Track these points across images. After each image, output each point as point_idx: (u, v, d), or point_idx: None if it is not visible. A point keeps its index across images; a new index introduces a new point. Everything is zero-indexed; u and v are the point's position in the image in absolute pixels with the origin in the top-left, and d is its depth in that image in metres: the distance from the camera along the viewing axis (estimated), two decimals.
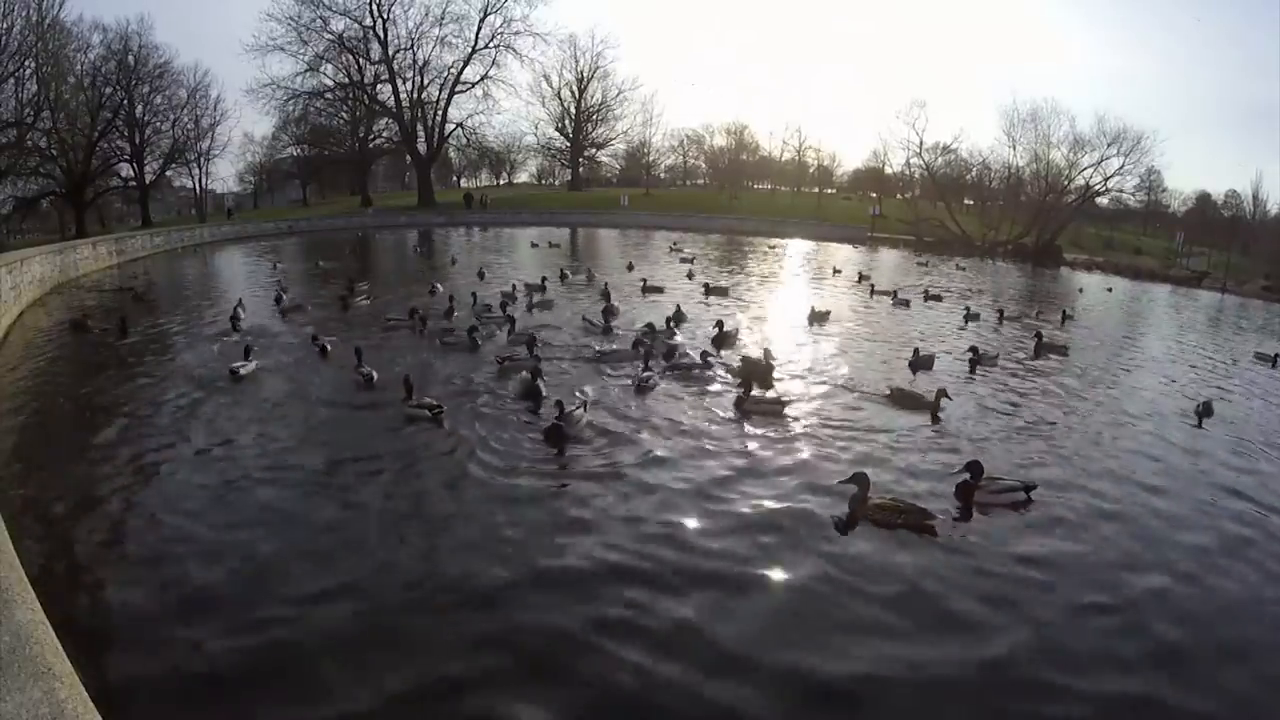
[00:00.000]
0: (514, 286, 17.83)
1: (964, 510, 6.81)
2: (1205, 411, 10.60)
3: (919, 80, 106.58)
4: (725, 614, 5.00)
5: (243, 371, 10.30)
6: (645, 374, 10.44)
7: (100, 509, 6.24)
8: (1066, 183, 48.93)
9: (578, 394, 9.43)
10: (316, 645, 4.51)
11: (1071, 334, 17.27)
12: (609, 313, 15.57)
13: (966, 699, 4.34)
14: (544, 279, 19.12)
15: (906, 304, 20.00)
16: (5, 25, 33.75)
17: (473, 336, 12.60)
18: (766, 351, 11.69)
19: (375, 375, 10.14)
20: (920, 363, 12.61)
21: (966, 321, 17.68)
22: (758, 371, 10.86)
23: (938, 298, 21.51)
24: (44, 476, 6.88)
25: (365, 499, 6.62)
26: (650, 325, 13.63)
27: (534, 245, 33.86)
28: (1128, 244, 56.77)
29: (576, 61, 66.45)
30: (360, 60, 57.27)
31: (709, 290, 19.54)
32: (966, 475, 6.97)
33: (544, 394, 9.42)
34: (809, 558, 5.79)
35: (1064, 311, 19.56)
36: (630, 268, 24.98)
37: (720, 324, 13.73)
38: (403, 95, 58.28)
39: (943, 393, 9.79)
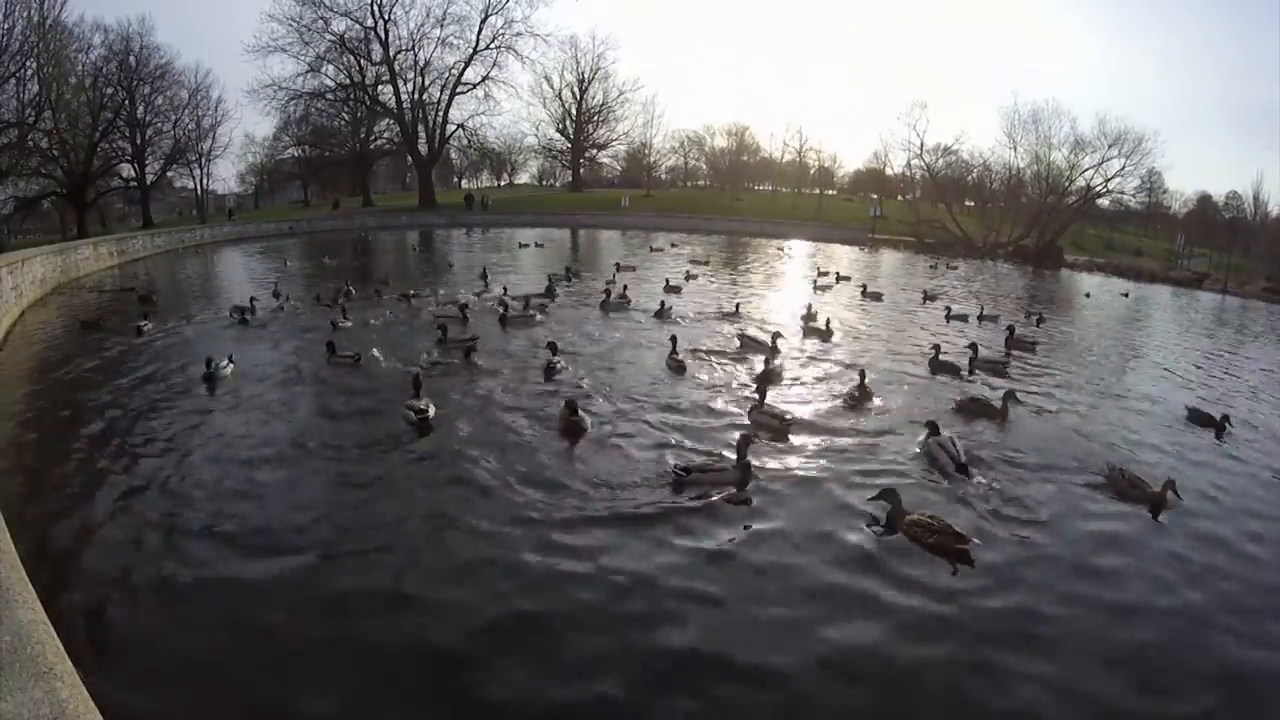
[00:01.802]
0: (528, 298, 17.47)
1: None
2: (1214, 425, 9.82)
3: (920, 81, 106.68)
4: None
5: (222, 373, 10.17)
6: (677, 356, 11.45)
7: (102, 508, 6.22)
8: (1067, 184, 48.95)
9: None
10: (310, 647, 4.51)
11: (1052, 334, 17.32)
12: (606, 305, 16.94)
13: None
14: (568, 268, 20.92)
15: (879, 297, 20.87)
16: (6, 26, 33.88)
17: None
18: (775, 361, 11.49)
19: (361, 355, 11.06)
20: (941, 366, 12.02)
21: (949, 320, 17.64)
22: (771, 378, 10.68)
23: (934, 298, 21.52)
24: (45, 476, 6.86)
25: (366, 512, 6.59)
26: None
27: (522, 245, 34.67)
28: (1128, 245, 56.81)
29: (577, 62, 66.69)
30: (361, 61, 57.48)
31: (668, 287, 19.73)
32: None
33: (586, 428, 8.29)
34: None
35: (1040, 315, 19.20)
36: (619, 267, 25.15)
37: (768, 362, 11.62)
38: (404, 96, 58.50)
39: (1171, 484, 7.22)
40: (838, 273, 25.80)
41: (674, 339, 12.08)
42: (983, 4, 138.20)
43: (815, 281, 23.60)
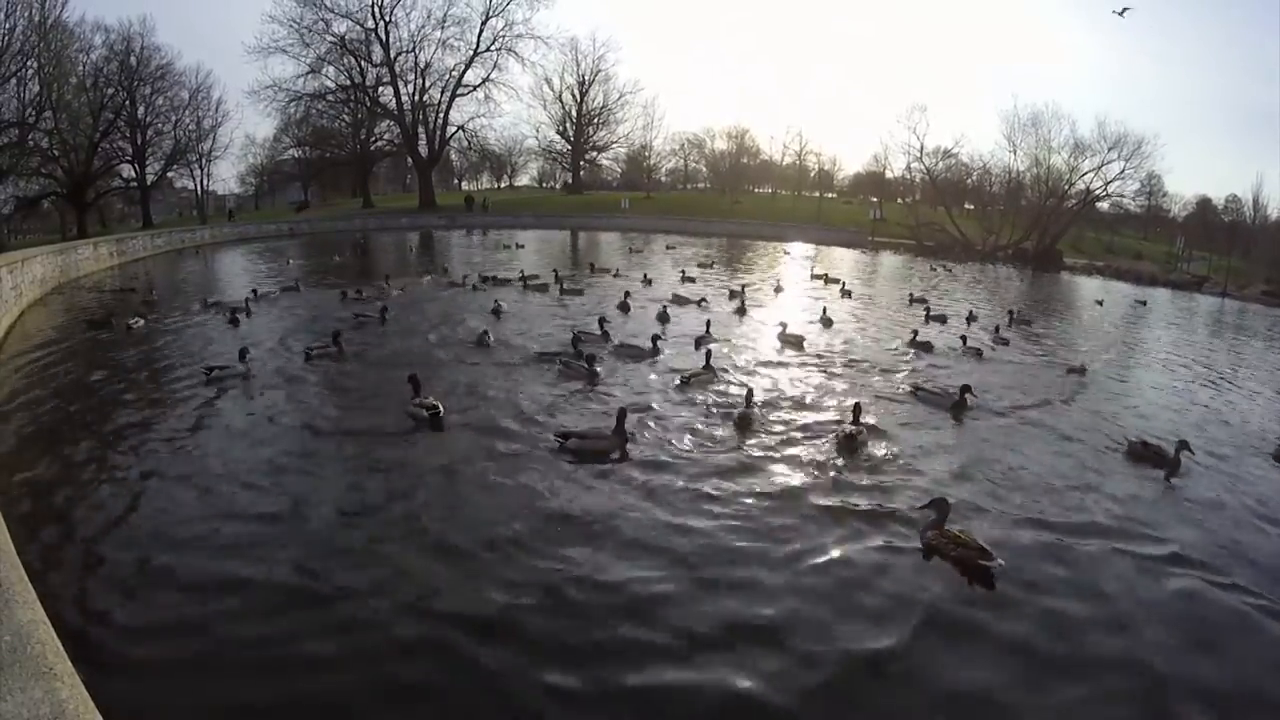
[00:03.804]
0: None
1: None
2: None
3: (920, 83, 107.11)
4: None
5: (217, 374, 10.18)
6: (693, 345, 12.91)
7: (102, 508, 6.21)
8: (1067, 187, 48.99)
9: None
10: (312, 641, 4.49)
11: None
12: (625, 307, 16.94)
13: None
14: (522, 272, 21.17)
15: (849, 294, 21.87)
16: (8, 26, 34.00)
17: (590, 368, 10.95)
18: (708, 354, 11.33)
19: (312, 352, 11.42)
20: (788, 340, 13.88)
21: (928, 321, 17.44)
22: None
23: (922, 300, 21.23)
24: (45, 475, 6.85)
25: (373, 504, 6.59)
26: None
27: (505, 246, 35.49)
28: (1128, 248, 56.90)
29: (578, 65, 66.78)
30: (362, 62, 57.52)
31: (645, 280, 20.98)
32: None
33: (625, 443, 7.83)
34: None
35: (1013, 313, 18.97)
36: (592, 268, 25.30)
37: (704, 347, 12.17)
38: (404, 98, 58.53)
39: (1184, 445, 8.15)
40: (826, 275, 26.12)
41: (708, 323, 14.18)
42: (982, 5, 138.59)
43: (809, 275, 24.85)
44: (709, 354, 11.19)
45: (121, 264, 26.96)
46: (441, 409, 8.58)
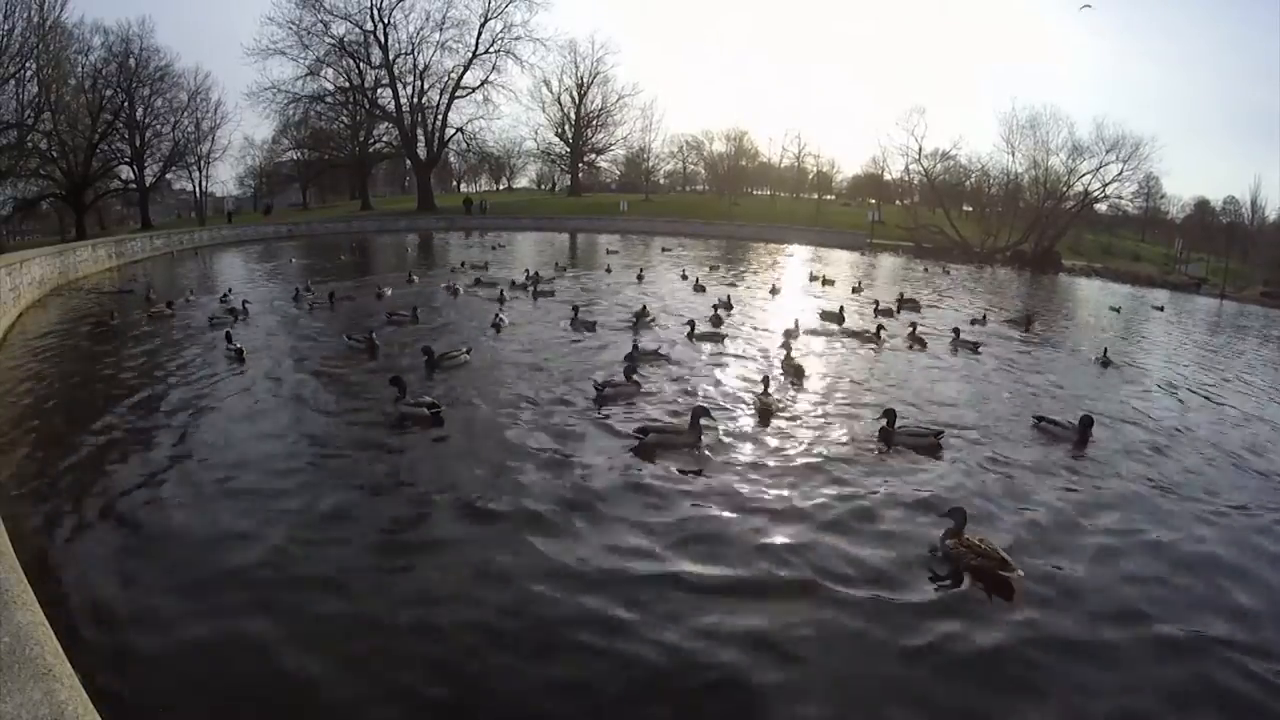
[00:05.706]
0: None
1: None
2: None
3: (918, 85, 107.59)
4: None
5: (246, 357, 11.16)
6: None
7: (101, 509, 6.19)
8: (1065, 189, 49.11)
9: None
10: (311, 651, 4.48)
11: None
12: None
13: None
14: (537, 273, 21.41)
15: (831, 283, 24.10)
16: (7, 27, 33.84)
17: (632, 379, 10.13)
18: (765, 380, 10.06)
19: (242, 349, 11.40)
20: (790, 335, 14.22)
21: (876, 314, 17.78)
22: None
23: (913, 301, 20.94)
24: (45, 477, 6.83)
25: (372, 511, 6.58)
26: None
27: (493, 248, 36.18)
28: (1126, 250, 57.04)
29: (576, 67, 66.91)
30: (361, 64, 57.50)
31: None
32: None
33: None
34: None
35: (986, 314, 19.16)
36: (556, 266, 25.59)
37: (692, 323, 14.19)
38: (403, 100, 58.51)
39: None
40: (824, 276, 26.14)
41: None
42: (982, 6, 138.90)
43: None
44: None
45: (120, 265, 26.93)
46: (441, 406, 8.58)
